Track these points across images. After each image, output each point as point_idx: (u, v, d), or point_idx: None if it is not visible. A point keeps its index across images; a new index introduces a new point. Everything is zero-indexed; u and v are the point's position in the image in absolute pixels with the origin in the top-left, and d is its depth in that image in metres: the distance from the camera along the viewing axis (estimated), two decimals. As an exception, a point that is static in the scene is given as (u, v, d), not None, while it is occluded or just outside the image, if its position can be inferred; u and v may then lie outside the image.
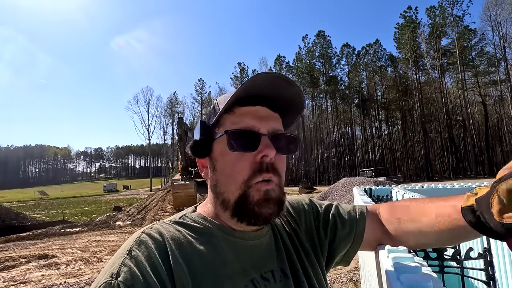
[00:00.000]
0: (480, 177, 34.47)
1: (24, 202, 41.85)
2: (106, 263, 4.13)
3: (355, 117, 53.12)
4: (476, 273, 1.06)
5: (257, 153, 0.50)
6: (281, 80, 0.50)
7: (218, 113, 0.52)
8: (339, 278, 4.25)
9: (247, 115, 0.51)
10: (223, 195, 0.51)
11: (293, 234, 0.63)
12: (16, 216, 13.29)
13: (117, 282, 0.40)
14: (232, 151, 0.50)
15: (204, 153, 0.54)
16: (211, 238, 0.51)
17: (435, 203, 0.54)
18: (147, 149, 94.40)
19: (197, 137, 0.55)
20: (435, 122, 44.61)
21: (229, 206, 0.51)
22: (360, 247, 0.65)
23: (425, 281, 0.41)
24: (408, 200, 0.62)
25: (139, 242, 0.45)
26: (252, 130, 0.50)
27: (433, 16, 43.28)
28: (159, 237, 0.47)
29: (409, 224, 0.57)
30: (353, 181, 12.65)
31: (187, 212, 0.56)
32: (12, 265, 5.89)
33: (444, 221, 0.50)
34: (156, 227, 0.49)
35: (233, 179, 0.50)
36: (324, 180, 47.64)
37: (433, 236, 0.54)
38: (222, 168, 0.51)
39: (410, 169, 46.31)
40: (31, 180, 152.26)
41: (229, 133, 0.50)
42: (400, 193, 2.64)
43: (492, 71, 40.52)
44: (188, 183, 13.33)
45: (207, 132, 0.55)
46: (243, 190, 0.49)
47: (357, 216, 0.65)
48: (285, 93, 0.53)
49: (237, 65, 60.44)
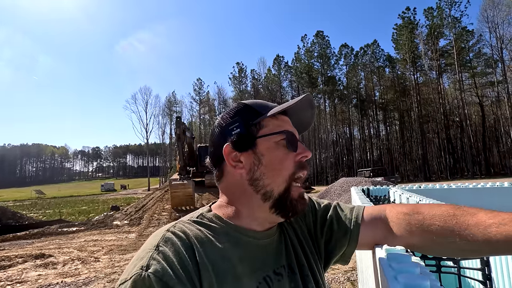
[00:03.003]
0: (477, 177, 34.67)
1: (21, 201, 41.61)
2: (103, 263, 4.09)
3: (353, 117, 53.26)
4: (472, 273, 1.07)
5: (297, 154, 0.57)
6: (308, 102, 0.60)
7: (263, 115, 0.58)
8: (336, 278, 4.26)
9: (287, 123, 0.60)
10: (267, 187, 0.55)
11: (299, 232, 0.66)
12: (12, 215, 13.20)
13: (147, 273, 0.41)
14: (286, 149, 0.56)
15: (245, 147, 0.57)
16: (227, 237, 0.53)
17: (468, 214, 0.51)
18: (145, 149, 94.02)
19: (238, 131, 0.57)
20: (432, 122, 44.83)
21: (272, 197, 0.55)
22: (357, 248, 0.66)
23: (423, 281, 0.41)
24: (431, 205, 0.59)
25: (166, 239, 0.47)
26: (295, 134, 0.59)
27: (431, 17, 43.44)
28: (184, 235, 0.49)
29: (422, 230, 0.55)
30: (351, 181, 12.68)
31: (203, 212, 0.58)
32: (9, 265, 5.84)
33: (474, 237, 0.48)
34: (180, 226, 0.52)
35: (281, 173, 0.55)
36: (322, 180, 47.71)
37: (446, 247, 0.53)
38: (270, 162, 0.56)
39: (407, 170, 46.50)
40: (28, 179, 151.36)
41: (287, 133, 0.57)
42: (397, 193, 2.64)
43: (489, 72, 40.73)
44: (186, 183, 13.27)
45: (249, 129, 0.57)
46: (288, 183, 0.55)
47: (353, 218, 0.66)
48: (305, 113, 0.63)
49: (236, 65, 60.45)
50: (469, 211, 0.51)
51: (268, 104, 0.61)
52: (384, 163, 45.95)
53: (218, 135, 0.59)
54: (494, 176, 33.43)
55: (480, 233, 0.47)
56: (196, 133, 54.26)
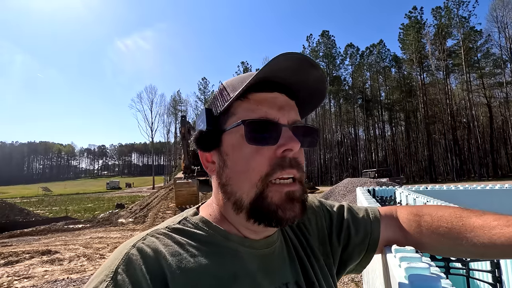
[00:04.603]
0: (484, 179, 34.18)
1: (28, 198, 42.21)
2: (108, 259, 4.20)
3: (358, 118, 52.93)
4: (482, 275, 1.05)
5: (278, 147, 0.42)
6: (304, 62, 0.42)
7: (229, 100, 0.44)
8: (340, 279, 4.23)
9: (264, 103, 0.44)
10: (235, 195, 0.43)
11: (303, 240, 0.56)
12: (20, 211, 13.43)
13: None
14: (250, 144, 0.42)
15: (210, 146, 0.46)
16: (216, 248, 0.43)
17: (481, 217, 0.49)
18: (150, 147, 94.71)
19: (202, 127, 0.46)
20: (439, 123, 44.30)
21: (243, 208, 0.43)
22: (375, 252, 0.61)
23: (435, 281, 0.40)
24: (439, 206, 0.58)
25: (127, 261, 0.37)
26: (272, 121, 0.43)
27: (439, 16, 42.93)
28: (153, 254, 0.39)
29: (431, 231, 0.53)
30: (355, 181, 12.59)
31: (188, 215, 0.48)
32: (16, 260, 5.93)
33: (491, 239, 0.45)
34: (151, 240, 0.41)
35: (247, 176, 0.42)
36: (326, 181, 47.53)
37: (460, 248, 0.50)
38: (235, 163, 0.44)
39: (413, 171, 46.06)
40: (35, 177, 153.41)
41: (247, 123, 0.42)
42: (404, 194, 2.62)
43: (498, 72, 40.15)
44: (191, 182, 13.37)
45: (214, 121, 0.46)
46: (260, 188, 0.42)
47: (371, 220, 0.60)
48: (307, 78, 0.45)
49: (241, 64, 60.51)
50: (476, 213, 0.49)
51: (250, 76, 0.43)
52: (389, 164, 45.57)
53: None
54: (502, 178, 32.95)
55: (485, 235, 0.45)
56: (201, 132, 54.24)
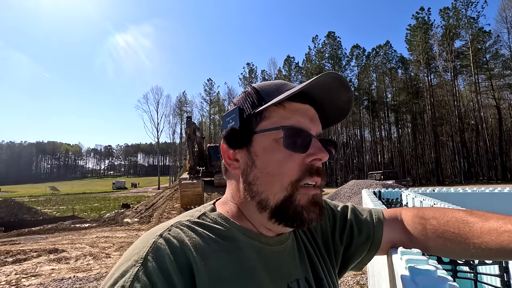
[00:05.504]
0: (492, 182, 33.62)
1: (36, 197, 42.85)
2: (114, 259, 4.12)
3: (364, 119, 52.54)
4: (490, 279, 1.03)
5: (307, 155, 0.45)
6: (339, 82, 0.46)
7: (265, 104, 0.46)
8: (345, 281, 4.21)
9: (298, 113, 0.46)
10: (261, 194, 0.45)
11: (311, 237, 0.59)
12: (28, 210, 13.66)
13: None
14: (285, 149, 0.44)
15: (239, 144, 0.47)
16: (235, 243, 0.45)
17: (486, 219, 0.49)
18: (155, 148, 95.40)
19: (233, 125, 0.47)
20: (446, 125, 43.70)
21: (267, 208, 0.45)
22: (377, 253, 0.62)
23: (441, 284, 0.40)
24: (445, 209, 0.57)
25: (156, 249, 0.39)
26: (306, 130, 0.46)
27: (447, 17, 42.41)
28: (179, 245, 0.40)
29: (437, 235, 0.53)
30: (361, 183, 12.50)
31: (206, 211, 0.49)
32: (24, 258, 6.03)
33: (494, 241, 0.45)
34: (176, 232, 0.42)
35: (279, 179, 0.44)
36: (331, 182, 47.23)
37: (465, 249, 0.50)
38: (265, 165, 0.45)
39: (419, 173, 45.49)
40: (43, 176, 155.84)
41: (287, 128, 0.44)
42: (410, 196, 2.59)
43: (507, 74, 39.46)
44: (196, 182, 13.42)
45: (246, 121, 0.47)
46: (289, 192, 0.44)
47: (375, 222, 0.61)
48: (337, 98, 0.49)
49: (246, 65, 60.56)
50: (483, 217, 0.49)
51: (285, 85, 0.49)
52: (396, 166, 45.11)
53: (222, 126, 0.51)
54: (511, 181, 32.39)
55: (493, 241, 0.45)
56: (206, 133, 54.56)
